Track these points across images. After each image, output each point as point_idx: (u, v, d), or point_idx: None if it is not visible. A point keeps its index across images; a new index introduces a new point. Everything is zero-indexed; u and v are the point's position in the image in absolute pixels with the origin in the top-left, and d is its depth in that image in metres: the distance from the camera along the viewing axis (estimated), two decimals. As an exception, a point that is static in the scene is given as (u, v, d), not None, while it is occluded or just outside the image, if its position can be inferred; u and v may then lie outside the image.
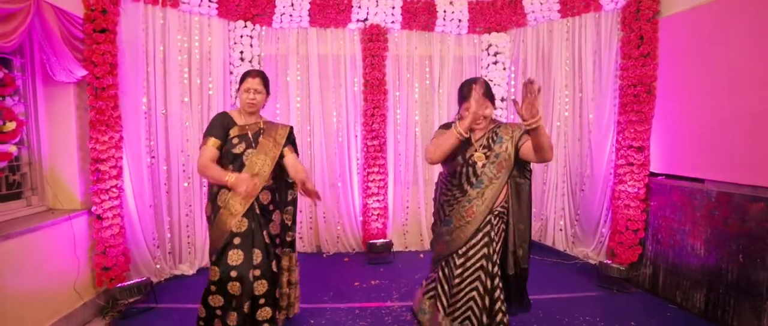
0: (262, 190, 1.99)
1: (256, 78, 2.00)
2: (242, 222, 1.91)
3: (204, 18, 3.22)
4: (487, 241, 1.76)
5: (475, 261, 1.77)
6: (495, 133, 1.81)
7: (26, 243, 2.14)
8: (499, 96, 3.87)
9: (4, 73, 2.14)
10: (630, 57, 3.13)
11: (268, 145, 2.00)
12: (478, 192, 1.76)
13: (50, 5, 2.16)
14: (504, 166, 1.76)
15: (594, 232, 3.57)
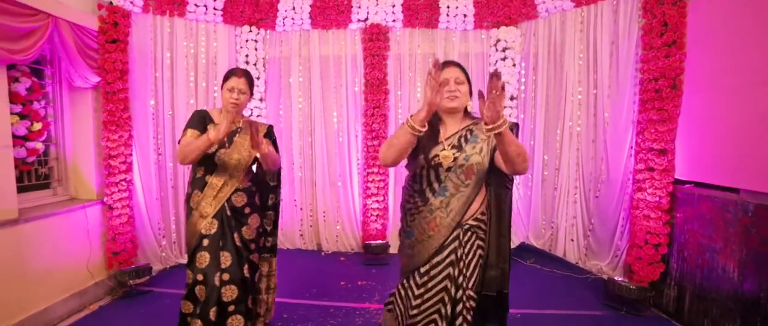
0: (236, 192, 2.03)
1: (241, 78, 2.00)
2: (212, 224, 1.97)
3: (210, 25, 3.65)
4: (452, 260, 1.54)
5: (437, 282, 1.54)
6: (470, 131, 1.57)
7: (48, 226, 2.65)
8: (509, 95, 3.86)
9: (32, 82, 2.67)
10: (651, 47, 2.95)
11: (243, 144, 2.02)
12: (442, 201, 1.54)
13: (67, 22, 2.65)
14: (474, 172, 1.53)
15: (609, 244, 3.43)
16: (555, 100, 3.85)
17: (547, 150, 3.94)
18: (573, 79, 3.69)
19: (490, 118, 1.29)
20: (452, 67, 1.58)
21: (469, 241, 1.57)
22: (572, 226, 3.77)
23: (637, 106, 3.16)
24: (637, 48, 3.17)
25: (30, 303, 2.49)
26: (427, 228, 1.57)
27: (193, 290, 1.93)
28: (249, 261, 2.06)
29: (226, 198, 2.01)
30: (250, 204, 2.09)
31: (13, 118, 2.53)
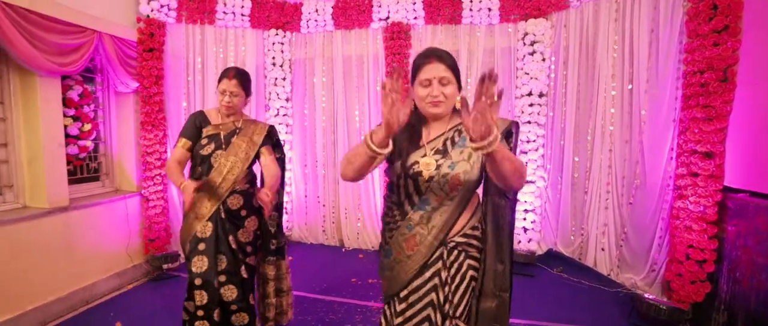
0: (233, 195, 2.03)
1: (232, 79, 2.00)
2: (207, 227, 1.99)
3: (238, 30, 4.03)
4: (436, 284, 1.35)
5: (418, 310, 1.36)
6: (459, 132, 1.35)
7: (94, 214, 3.17)
8: (537, 91, 3.78)
9: (83, 88, 3.20)
10: (697, 34, 2.70)
11: (240, 145, 2.05)
12: (422, 216, 1.35)
13: (109, 35, 3.13)
14: (460, 183, 1.31)
15: (645, 257, 3.22)
16: (586, 97, 3.70)
17: (577, 151, 3.79)
18: (606, 74, 3.51)
19: (478, 134, 1.01)
20: (434, 63, 1.28)
21: (456, 261, 1.35)
22: (603, 234, 3.60)
23: (679, 102, 2.95)
24: (681, 36, 2.94)
25: (77, 279, 3.02)
26: (406, 247, 1.37)
27: (193, 293, 1.98)
28: (245, 264, 2.08)
29: (222, 201, 2.02)
30: (247, 207, 2.08)
31: (67, 120, 3.07)
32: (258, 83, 4.23)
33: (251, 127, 2.14)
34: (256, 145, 2.10)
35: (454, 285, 1.36)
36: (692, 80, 2.76)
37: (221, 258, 2.00)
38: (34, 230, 2.77)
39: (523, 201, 3.86)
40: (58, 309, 2.87)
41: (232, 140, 2.07)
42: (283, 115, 4.32)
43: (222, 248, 2.00)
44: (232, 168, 2.03)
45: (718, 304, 2.65)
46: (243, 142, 2.07)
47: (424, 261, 1.35)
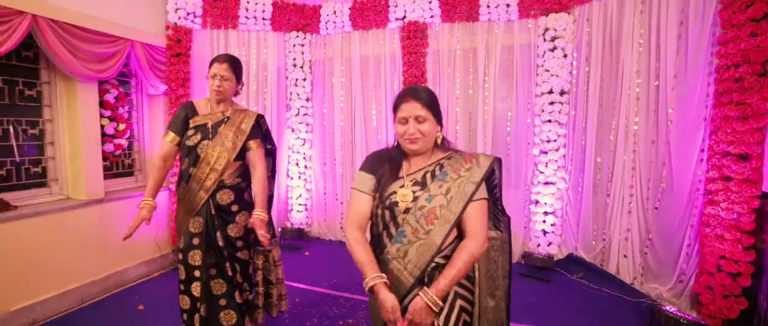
0: (223, 189, 2.02)
1: (223, 63, 1.99)
2: (198, 223, 2.02)
3: (260, 33, 4.28)
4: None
5: None
6: (440, 166, 1.37)
7: (127, 206, 3.53)
8: (558, 89, 3.70)
9: (119, 91, 3.58)
10: (732, 24, 2.53)
11: (228, 134, 2.00)
12: (398, 249, 1.31)
13: (140, 43, 3.48)
14: (436, 217, 1.29)
15: (672, 267, 3.05)
16: (609, 95, 3.56)
17: (600, 151, 3.66)
18: (630, 69, 3.37)
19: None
20: (411, 101, 1.33)
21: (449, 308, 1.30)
22: (626, 240, 3.46)
23: (711, 99, 2.80)
24: (714, 27, 2.78)
25: (110, 265, 3.39)
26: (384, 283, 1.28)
27: (189, 286, 2.05)
28: (235, 259, 2.10)
29: (211, 195, 2.01)
30: (238, 202, 2.07)
31: (104, 120, 3.46)
32: (279, 84, 4.48)
33: (240, 116, 2.08)
34: (244, 133, 2.04)
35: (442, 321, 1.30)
36: (725, 75, 2.60)
37: (210, 253, 2.03)
38: (75, 219, 3.16)
39: (543, 203, 3.79)
40: (93, 291, 3.24)
41: (220, 129, 2.02)
42: (304, 115, 4.53)
43: (211, 244, 2.02)
44: (218, 159, 1.98)
45: (756, 323, 2.48)
46: (230, 131, 2.02)
47: (400, 297, 1.27)
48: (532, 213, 3.90)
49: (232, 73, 2.04)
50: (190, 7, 3.84)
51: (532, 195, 3.89)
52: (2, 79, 2.95)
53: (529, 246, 3.93)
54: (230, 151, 2.01)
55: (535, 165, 3.86)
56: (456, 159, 1.37)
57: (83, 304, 3.14)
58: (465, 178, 1.31)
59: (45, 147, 3.22)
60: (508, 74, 3.99)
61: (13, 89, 3.02)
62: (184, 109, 2.09)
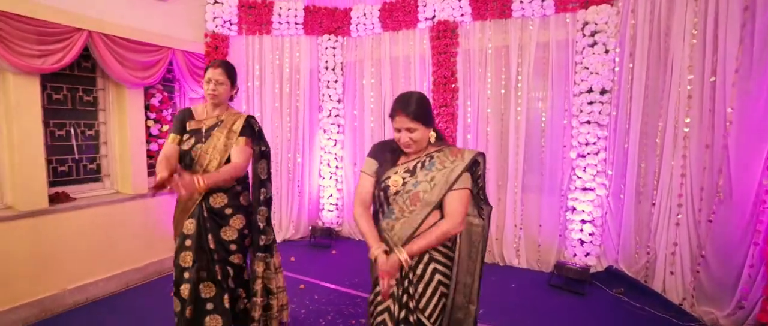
0: (216, 193, 2.01)
1: (217, 68, 2.00)
2: (191, 224, 2.00)
3: (293, 38, 4.35)
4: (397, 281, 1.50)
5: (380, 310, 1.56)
6: (430, 157, 1.55)
7: (168, 201, 3.74)
8: (599, 88, 3.35)
9: (163, 96, 3.81)
10: None
11: (219, 137, 2.00)
12: (388, 223, 1.53)
13: (181, 51, 3.67)
14: (419, 200, 1.48)
15: (731, 289, 2.62)
16: (656, 93, 3.16)
17: (644, 156, 3.26)
18: (681, 65, 2.96)
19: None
20: (400, 116, 1.48)
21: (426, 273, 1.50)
22: (674, 255, 3.05)
23: None
24: None
25: (152, 253, 3.62)
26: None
27: (179, 288, 2.01)
28: (228, 263, 2.06)
29: (204, 197, 1.99)
30: (232, 205, 2.06)
31: (149, 122, 3.70)
32: (312, 86, 4.52)
33: (232, 119, 2.06)
34: (235, 134, 2.02)
35: (421, 288, 1.52)
36: (797, 69, 2.19)
37: (201, 256, 1.99)
38: (122, 211, 3.41)
39: (580, 211, 3.46)
40: (136, 277, 3.49)
41: (213, 132, 2.02)
42: (335, 116, 4.53)
43: (202, 246, 1.99)
44: (211, 161, 1.98)
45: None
46: (222, 133, 2.02)
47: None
48: (567, 220, 3.57)
49: (227, 77, 2.05)
50: (227, 15, 3.99)
51: (568, 201, 3.56)
52: (66, 87, 3.25)
53: (565, 256, 3.61)
54: (222, 153, 2.00)
55: (572, 169, 3.53)
56: (445, 153, 1.55)
57: (126, 288, 3.39)
58: (449, 169, 1.50)
59: (99, 146, 3.51)
60: (542, 73, 3.69)
61: (74, 96, 3.31)
62: (182, 114, 2.12)
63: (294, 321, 2.80)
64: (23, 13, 2.68)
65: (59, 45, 2.89)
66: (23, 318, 2.80)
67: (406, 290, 1.52)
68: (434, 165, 1.52)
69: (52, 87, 3.18)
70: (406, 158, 1.59)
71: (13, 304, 2.75)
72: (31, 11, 2.73)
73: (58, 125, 3.23)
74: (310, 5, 4.31)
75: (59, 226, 3.00)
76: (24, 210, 2.84)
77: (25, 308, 2.82)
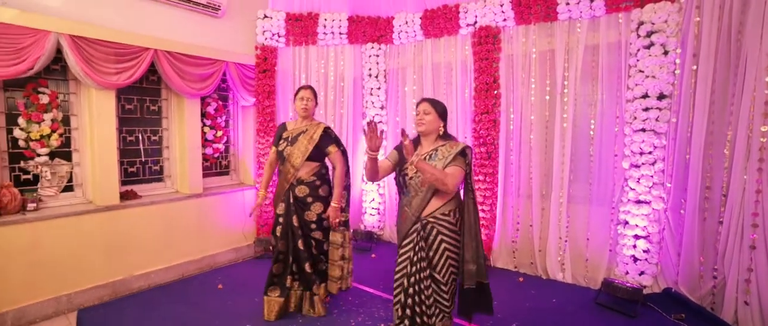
0: (300, 185, 2.64)
1: (307, 90, 2.70)
2: (281, 207, 2.70)
3: (338, 47, 4.34)
4: (413, 245, 2.01)
5: (402, 259, 2.06)
6: (436, 151, 1.98)
7: (221, 200, 3.90)
8: (656, 93, 2.96)
9: (218, 104, 3.98)
10: None
11: (303, 141, 2.63)
12: (407, 200, 2.03)
13: (233, 63, 3.81)
14: (427, 181, 1.90)
15: None
16: (725, 98, 2.72)
17: (709, 168, 2.82)
18: (757, 66, 2.53)
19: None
20: (423, 103, 2.05)
21: (430, 233, 1.97)
22: (748, 283, 2.59)
23: None
24: None
25: (206, 248, 3.78)
26: (401, 219, 2.09)
27: (276, 250, 2.72)
28: (309, 237, 2.70)
29: (290, 187, 2.65)
30: (312, 195, 2.66)
31: (205, 128, 3.87)
32: (355, 93, 4.48)
33: (313, 128, 2.67)
34: (314, 140, 2.63)
35: (432, 250, 1.98)
36: None
37: (287, 231, 2.66)
38: (180, 209, 3.60)
39: (633, 225, 3.07)
40: (191, 269, 3.65)
41: (299, 138, 2.65)
42: (378, 122, 4.46)
43: (290, 224, 2.66)
44: (295, 159, 2.61)
45: None
46: (305, 139, 2.64)
47: (407, 229, 2.03)
48: (619, 235, 3.19)
49: (313, 97, 2.71)
50: (275, 28, 4.08)
51: (619, 214, 3.19)
52: (136, 98, 3.51)
53: (615, 273, 3.22)
54: (303, 153, 2.62)
55: (625, 180, 3.15)
56: (447, 146, 1.97)
57: (182, 277, 3.57)
58: (447, 157, 1.93)
59: (162, 150, 3.73)
60: (591, 77, 3.35)
61: (143, 106, 3.57)
62: (279, 128, 2.79)
63: (325, 321, 2.76)
64: (106, 38, 2.99)
65: (131, 63, 3.14)
66: (98, 297, 3.09)
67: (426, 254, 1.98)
68: (438, 156, 1.95)
69: (125, 98, 3.44)
70: (421, 150, 2.02)
71: (90, 285, 3.05)
72: (112, 36, 3.01)
73: (129, 131, 3.49)
74: (353, 15, 4.29)
75: (127, 220, 3.25)
76: (101, 205, 3.10)
77: (100, 289, 3.09)
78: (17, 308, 2.70)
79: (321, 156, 2.69)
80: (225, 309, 2.96)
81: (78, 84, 3.10)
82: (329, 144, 2.68)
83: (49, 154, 3.00)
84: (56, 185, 3.06)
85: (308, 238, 2.71)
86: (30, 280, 2.76)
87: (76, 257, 2.96)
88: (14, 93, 2.87)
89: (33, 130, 2.90)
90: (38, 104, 2.91)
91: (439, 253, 1.97)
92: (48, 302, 2.84)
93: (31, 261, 2.76)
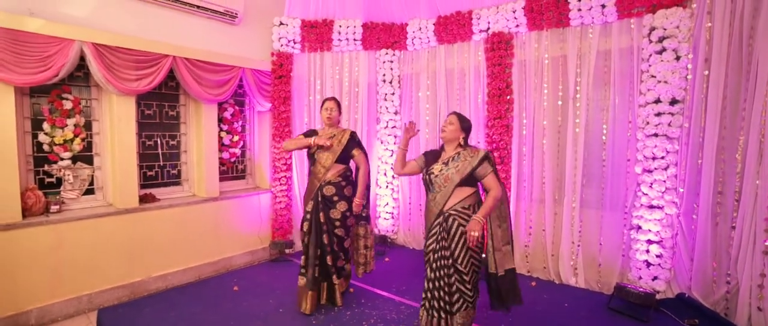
0: (328, 185, 2.99)
1: (331, 101, 3.11)
2: (310, 205, 3.03)
3: (352, 53, 4.54)
4: (437, 235, 2.34)
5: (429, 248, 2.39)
6: (458, 155, 2.41)
7: (237, 204, 4.10)
8: (668, 98, 3.07)
9: (234, 109, 4.20)
10: None
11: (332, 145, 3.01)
12: (433, 196, 2.41)
13: (250, 69, 4.03)
14: (448, 180, 2.33)
15: None
16: (736, 103, 2.82)
17: (721, 172, 2.91)
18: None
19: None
20: (451, 115, 2.49)
21: (452, 225, 2.30)
22: (761, 288, 2.67)
23: None
24: None
25: (222, 251, 3.98)
26: (427, 212, 2.46)
27: (303, 243, 3.07)
28: (333, 234, 3.03)
29: (319, 187, 3.01)
30: (338, 194, 3.01)
31: (222, 133, 4.09)
32: (370, 99, 4.66)
33: (341, 134, 3.06)
34: (342, 145, 3.01)
35: (453, 240, 2.29)
36: None
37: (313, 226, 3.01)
38: (197, 212, 3.80)
39: (646, 230, 3.17)
40: (208, 271, 3.85)
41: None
42: (392, 127, 4.63)
43: (315, 221, 3.01)
44: (325, 161, 3.00)
45: None
46: (334, 143, 3.01)
47: (432, 222, 2.39)
48: (632, 239, 3.29)
49: (337, 107, 3.11)
50: (291, 35, 4.29)
51: (632, 219, 3.29)
52: (155, 104, 3.73)
53: (629, 278, 3.32)
54: (333, 155, 3.00)
55: (638, 185, 3.25)
56: (467, 151, 2.39)
57: (199, 279, 3.77)
58: (468, 161, 2.34)
59: (180, 154, 3.95)
60: (603, 82, 3.47)
61: (162, 111, 3.79)
62: (310, 132, 3.15)
63: (338, 323, 2.90)
64: (127, 46, 3.20)
65: (150, 69, 3.35)
66: (117, 297, 3.28)
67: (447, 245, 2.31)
68: (459, 159, 2.37)
69: (145, 103, 3.66)
70: (445, 155, 2.45)
71: (109, 285, 3.24)
72: (133, 44, 3.23)
73: (148, 136, 3.71)
74: (368, 22, 4.48)
75: (146, 223, 3.44)
76: (120, 208, 3.30)
77: (119, 289, 3.28)
78: (41, 306, 2.89)
79: (347, 158, 3.07)
80: (240, 310, 3.13)
81: (100, 90, 3.31)
82: (354, 147, 3.06)
83: (72, 158, 3.20)
84: (78, 188, 3.27)
85: (332, 235, 3.03)
86: (53, 280, 2.94)
87: (96, 258, 3.15)
88: (39, 99, 3.06)
89: (57, 135, 3.09)
90: (62, 110, 3.10)
91: (459, 244, 2.27)
92: (69, 301, 3.03)
93: (54, 261, 2.95)
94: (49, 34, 2.80)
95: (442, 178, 2.35)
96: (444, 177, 2.34)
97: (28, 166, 3.04)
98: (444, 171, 2.36)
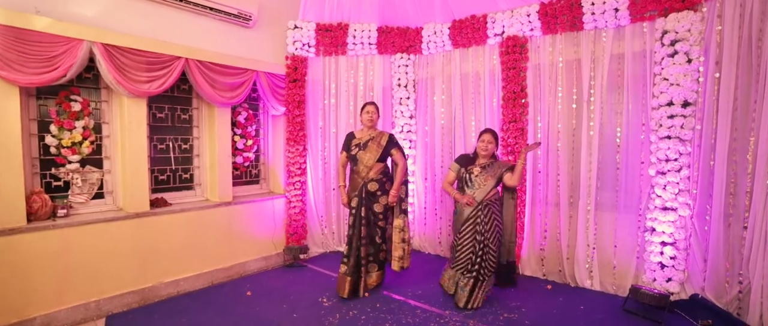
0: (371, 181, 3.67)
1: (371, 106, 3.77)
2: (355, 200, 3.68)
3: (368, 57, 4.93)
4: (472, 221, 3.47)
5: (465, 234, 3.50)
6: (490, 164, 3.55)
7: (250, 209, 4.46)
8: (680, 100, 3.38)
9: (248, 113, 4.58)
10: None
11: (372, 147, 3.69)
12: (471, 191, 3.50)
13: (263, 73, 4.41)
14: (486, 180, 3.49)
15: None
16: (747, 105, 3.13)
17: (733, 174, 3.21)
18: (773, 74, 2.93)
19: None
20: (485, 134, 3.58)
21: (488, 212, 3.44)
22: (771, 286, 2.95)
23: None
24: None
25: (235, 256, 4.32)
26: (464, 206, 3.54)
27: (351, 241, 3.67)
28: (377, 226, 3.71)
29: (363, 184, 3.65)
30: (380, 189, 3.70)
31: (235, 137, 4.47)
32: (385, 103, 5.03)
33: (380, 136, 3.73)
34: (382, 146, 3.69)
35: (488, 224, 3.43)
36: None
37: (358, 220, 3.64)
38: (210, 217, 4.11)
39: (660, 232, 3.47)
40: (221, 276, 4.18)
41: (368, 144, 3.70)
42: (407, 131, 4.99)
43: (360, 215, 3.64)
44: (368, 161, 3.66)
45: None
46: (374, 144, 3.70)
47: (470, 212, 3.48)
48: (646, 241, 3.58)
49: (376, 110, 3.77)
50: (305, 38, 4.68)
51: (646, 221, 3.58)
52: (167, 107, 4.04)
53: (643, 280, 3.60)
54: (375, 155, 3.67)
55: (651, 187, 3.55)
56: (499, 162, 3.57)
57: (211, 285, 4.07)
58: (500, 170, 3.50)
59: (192, 158, 4.28)
60: (617, 86, 3.80)
61: (174, 114, 4.11)
62: (348, 136, 3.84)
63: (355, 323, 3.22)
64: (138, 47, 3.39)
65: (162, 72, 3.57)
66: (127, 303, 3.47)
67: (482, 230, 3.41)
68: (493, 167, 3.50)
69: (156, 106, 3.95)
70: (479, 161, 3.55)
71: (120, 291, 3.43)
72: (144, 45, 3.44)
73: (160, 140, 4.00)
74: (383, 26, 4.86)
75: (157, 228, 3.66)
76: (131, 212, 3.50)
77: (129, 295, 3.49)
78: (46, 313, 3.00)
79: (386, 157, 3.74)
80: (252, 315, 3.34)
81: (110, 92, 3.51)
82: (393, 147, 3.73)
83: (81, 161, 3.34)
84: (87, 192, 3.42)
85: (374, 227, 3.71)
86: (59, 286, 3.06)
87: (105, 264, 3.31)
88: (47, 100, 3.21)
89: (64, 137, 3.22)
90: (70, 112, 3.23)
91: (491, 227, 3.42)
92: (77, 308, 3.16)
93: (61, 267, 3.07)
94: (56, 34, 2.92)
95: (483, 178, 3.48)
96: (485, 177, 3.48)
97: (33, 169, 3.17)
98: (483, 173, 3.48)
